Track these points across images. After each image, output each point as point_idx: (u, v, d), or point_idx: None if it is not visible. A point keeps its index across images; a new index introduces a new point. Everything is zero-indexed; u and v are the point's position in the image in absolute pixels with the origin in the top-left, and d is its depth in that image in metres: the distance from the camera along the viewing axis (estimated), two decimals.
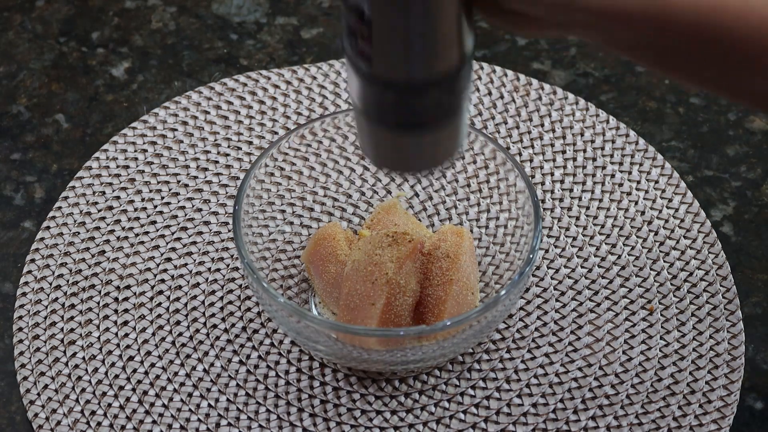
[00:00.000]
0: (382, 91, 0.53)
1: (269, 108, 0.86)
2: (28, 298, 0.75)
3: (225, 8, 0.95)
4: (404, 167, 0.60)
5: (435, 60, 0.52)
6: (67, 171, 0.83)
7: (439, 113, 0.55)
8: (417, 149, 0.57)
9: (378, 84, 0.53)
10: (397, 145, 0.57)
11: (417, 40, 0.51)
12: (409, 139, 0.56)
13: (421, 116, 0.55)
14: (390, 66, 0.52)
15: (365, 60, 0.52)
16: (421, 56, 0.52)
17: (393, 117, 0.55)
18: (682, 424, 0.69)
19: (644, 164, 0.82)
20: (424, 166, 0.60)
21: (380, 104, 0.54)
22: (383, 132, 0.56)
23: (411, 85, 0.52)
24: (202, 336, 0.73)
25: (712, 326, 0.73)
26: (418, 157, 0.58)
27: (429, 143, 0.57)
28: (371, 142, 0.58)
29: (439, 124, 0.55)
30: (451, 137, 0.57)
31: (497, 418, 0.70)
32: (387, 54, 0.52)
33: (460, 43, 0.53)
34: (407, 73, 0.52)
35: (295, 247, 0.76)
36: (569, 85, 0.89)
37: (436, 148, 0.58)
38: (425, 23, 0.50)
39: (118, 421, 0.69)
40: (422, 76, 0.52)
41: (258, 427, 0.69)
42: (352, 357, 0.68)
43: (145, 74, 0.90)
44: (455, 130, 0.57)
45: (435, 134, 0.56)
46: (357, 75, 0.54)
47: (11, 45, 0.92)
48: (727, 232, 0.80)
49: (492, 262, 0.75)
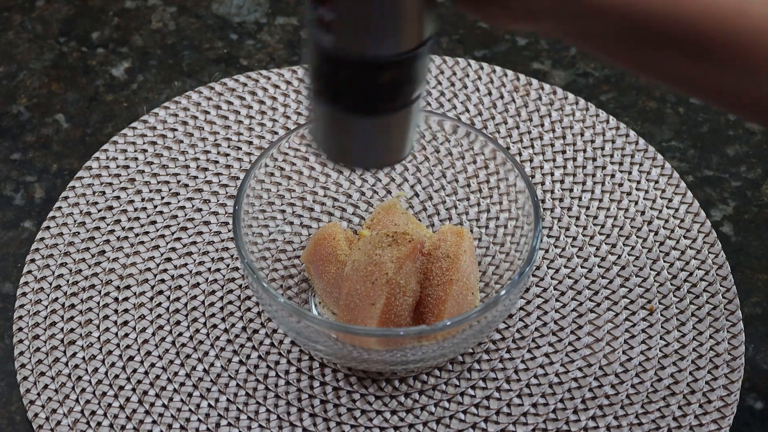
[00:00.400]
0: (338, 67, 0.52)
1: (269, 108, 0.86)
2: (28, 298, 0.75)
3: (225, 8, 0.95)
4: (352, 160, 0.59)
5: (393, 36, 0.51)
6: (67, 171, 0.83)
7: (393, 99, 0.54)
8: (365, 141, 0.56)
9: (335, 59, 0.52)
10: (347, 134, 0.56)
11: (380, 13, 0.50)
12: (359, 126, 0.55)
13: (374, 99, 0.53)
14: (349, 39, 0.51)
15: (325, 31, 0.51)
16: (380, 29, 0.51)
17: (346, 98, 0.54)
18: (682, 424, 0.69)
19: (644, 164, 0.82)
20: (373, 163, 0.59)
21: (334, 82, 0.53)
22: (335, 116, 0.55)
23: (365, 61, 0.52)
24: (202, 336, 0.73)
25: (712, 326, 0.73)
26: (368, 151, 0.57)
27: (379, 136, 0.56)
28: (323, 130, 0.56)
29: (391, 111, 0.54)
30: (402, 132, 0.56)
31: (497, 418, 0.70)
32: (347, 25, 0.51)
33: (420, 23, 0.52)
34: (364, 47, 0.51)
35: (295, 247, 0.76)
36: (569, 85, 0.89)
37: (386, 144, 0.57)
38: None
39: (118, 421, 0.69)
40: (380, 52, 0.51)
41: (258, 427, 0.69)
42: (352, 357, 0.68)
43: (145, 74, 0.90)
44: (406, 124, 0.56)
45: (384, 125, 0.55)
46: (315, 49, 0.53)
47: (11, 45, 0.92)
48: (727, 232, 0.80)
49: (492, 262, 0.75)
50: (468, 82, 0.87)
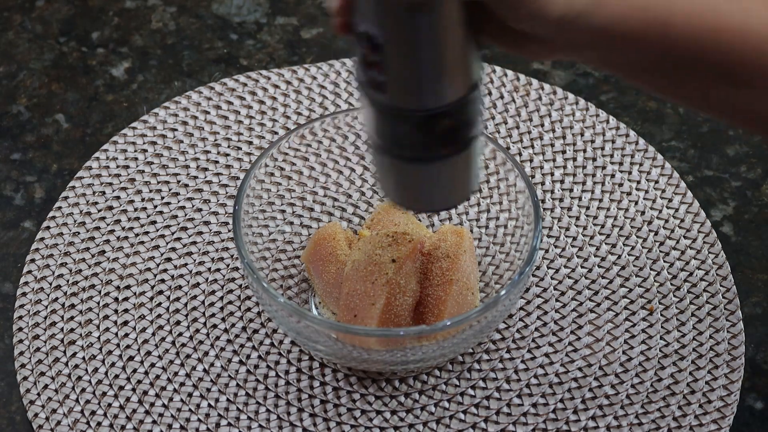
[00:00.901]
0: (396, 123, 0.54)
1: (269, 108, 0.86)
2: (28, 298, 0.75)
3: (225, 8, 0.95)
4: (424, 205, 0.61)
5: (444, 86, 0.52)
6: (67, 171, 0.83)
7: (452, 143, 0.55)
8: (434, 185, 0.57)
9: (391, 113, 0.53)
10: (416, 182, 0.57)
11: (426, 66, 0.51)
12: (425, 173, 0.56)
13: (433, 148, 0.55)
14: (400, 93, 0.52)
15: (379, 90, 0.52)
16: (431, 84, 0.52)
17: (408, 150, 0.55)
18: (682, 424, 0.69)
19: (644, 164, 0.82)
20: (444, 204, 0.60)
21: (395, 137, 0.55)
22: (400, 167, 0.56)
23: (424, 114, 0.53)
24: (202, 336, 0.73)
25: (712, 326, 0.73)
26: (437, 194, 0.58)
27: (446, 178, 0.57)
28: (390, 180, 0.58)
29: (452, 155, 0.56)
30: (466, 171, 0.57)
31: (497, 418, 0.70)
32: (397, 81, 0.52)
33: (468, 70, 0.53)
34: (417, 103, 0.52)
35: (295, 247, 0.76)
36: (569, 85, 0.89)
37: (453, 184, 0.58)
38: (433, 48, 0.50)
39: (118, 421, 0.69)
40: (433, 104, 0.52)
41: (258, 427, 0.69)
42: (352, 357, 0.68)
43: (145, 74, 0.90)
44: (469, 162, 0.57)
45: (450, 167, 0.56)
46: (371, 107, 0.54)
47: (11, 45, 0.92)
48: (727, 232, 0.80)
49: (492, 262, 0.75)
50: None
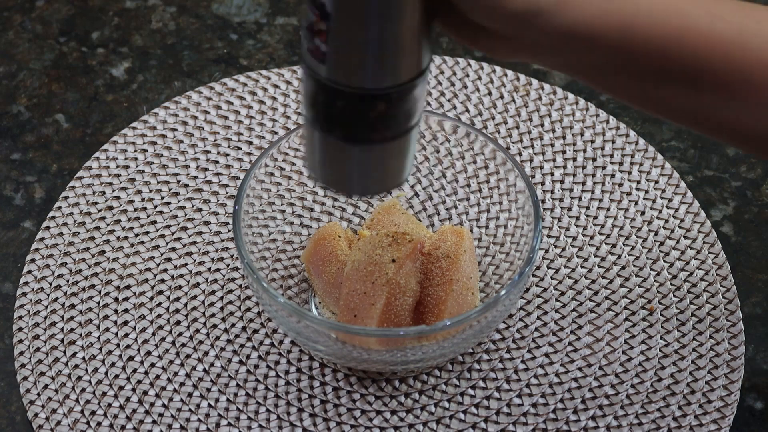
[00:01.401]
0: (333, 98, 0.52)
1: (269, 108, 0.86)
2: (28, 298, 0.75)
3: (225, 8, 0.95)
4: (346, 188, 0.58)
5: (389, 69, 0.51)
6: (67, 171, 0.83)
7: (387, 130, 0.54)
8: (361, 169, 0.56)
9: (329, 88, 0.52)
10: (342, 163, 0.56)
11: (374, 45, 0.50)
12: (354, 155, 0.55)
13: (368, 130, 0.53)
14: (343, 70, 0.51)
15: (319, 61, 0.51)
16: (376, 63, 0.50)
17: (340, 128, 0.53)
18: (682, 424, 0.69)
19: (644, 164, 0.82)
20: (367, 190, 0.58)
21: (329, 112, 0.53)
22: (329, 145, 0.55)
23: (362, 93, 0.51)
24: (202, 336, 0.73)
25: (712, 326, 0.73)
26: (362, 179, 0.57)
27: (374, 164, 0.55)
28: (318, 157, 0.56)
29: (385, 141, 0.54)
30: (398, 161, 0.56)
31: (497, 418, 0.70)
32: (342, 57, 0.50)
33: (418, 55, 0.51)
34: (359, 80, 0.51)
35: (295, 247, 0.76)
36: (569, 85, 0.89)
37: (381, 172, 0.56)
38: (385, 27, 0.49)
39: (118, 421, 0.69)
40: (373, 84, 0.51)
41: (258, 427, 0.69)
42: (352, 357, 0.68)
43: (145, 74, 0.90)
44: (402, 153, 0.55)
45: (380, 154, 0.55)
46: (310, 78, 0.52)
47: (11, 45, 0.92)
48: (727, 232, 0.80)
49: (492, 262, 0.75)
50: (468, 82, 0.87)
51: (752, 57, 0.53)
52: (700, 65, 0.53)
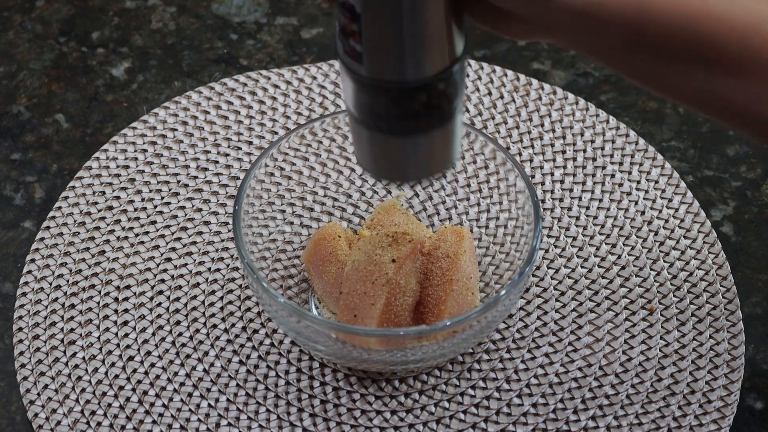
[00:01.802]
0: (375, 95, 0.53)
1: (269, 108, 0.86)
2: (28, 298, 0.75)
3: (225, 8, 0.95)
4: (400, 176, 0.60)
5: (425, 60, 0.52)
6: (67, 171, 0.83)
7: (432, 118, 0.54)
8: (411, 157, 0.57)
9: (370, 87, 0.53)
10: (392, 154, 0.57)
11: (407, 39, 0.50)
12: (403, 146, 0.56)
13: (412, 121, 0.54)
14: (380, 66, 0.52)
15: (357, 61, 0.52)
16: (411, 56, 0.51)
17: (386, 122, 0.54)
18: (682, 424, 0.69)
19: (644, 164, 0.82)
20: (420, 175, 0.59)
21: (373, 109, 0.54)
22: (378, 139, 0.56)
23: (402, 86, 0.52)
24: (202, 336, 0.73)
25: (712, 326, 0.73)
26: (414, 166, 0.57)
27: (423, 151, 0.56)
28: (368, 152, 0.57)
29: (431, 129, 0.55)
30: (446, 145, 0.57)
31: (497, 418, 0.70)
32: (377, 54, 0.51)
33: (451, 44, 0.52)
34: (397, 74, 0.52)
35: (295, 247, 0.76)
36: (569, 85, 0.89)
37: (431, 156, 0.57)
38: (414, 21, 0.50)
39: (118, 421, 0.69)
40: (412, 77, 0.52)
41: (258, 427, 0.69)
42: (352, 357, 0.68)
43: (145, 74, 0.90)
44: (449, 137, 0.56)
45: (428, 141, 0.56)
46: (350, 78, 0.53)
47: (11, 45, 0.92)
48: (727, 232, 0.80)
49: (492, 262, 0.75)
50: (468, 82, 0.87)
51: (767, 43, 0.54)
52: (716, 48, 0.54)
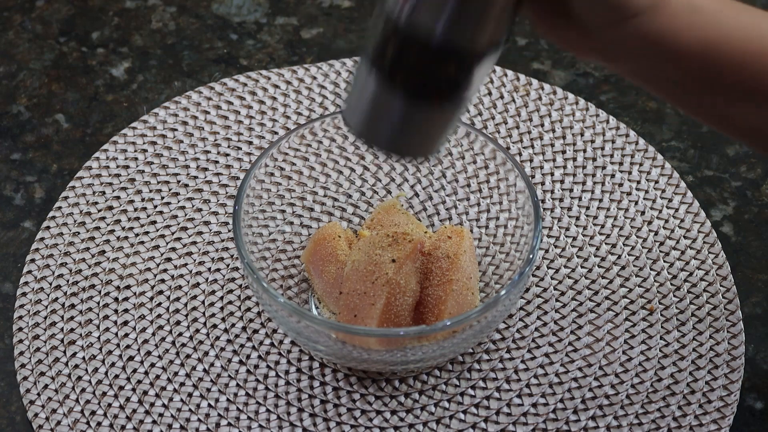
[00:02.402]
0: (404, 43, 0.52)
1: (269, 108, 0.86)
2: (28, 298, 0.75)
3: (225, 8, 0.95)
4: (382, 143, 0.57)
5: (472, 27, 0.51)
6: (67, 171, 0.83)
7: (446, 92, 0.53)
8: (403, 126, 0.55)
9: (404, 34, 0.51)
10: (386, 114, 0.55)
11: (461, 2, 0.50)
12: (404, 109, 0.54)
13: (428, 86, 0.53)
14: (426, 13, 0.51)
15: (401, 6, 0.51)
16: (462, 15, 0.50)
17: (400, 76, 0.53)
18: (682, 424, 0.69)
19: (644, 164, 0.82)
20: (398, 150, 0.57)
21: (394, 58, 0.52)
22: (382, 93, 0.54)
23: (437, 46, 0.51)
24: (202, 336, 0.73)
25: (712, 326, 0.73)
26: (400, 136, 0.56)
27: (417, 124, 0.55)
28: (362, 107, 0.55)
29: (441, 102, 0.54)
30: (438, 130, 0.56)
31: (497, 418, 0.70)
32: (427, 2, 0.50)
33: (501, 23, 0.51)
34: (441, 31, 0.51)
35: (295, 247, 0.76)
36: (569, 85, 0.89)
37: (421, 134, 0.56)
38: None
39: (118, 421, 0.69)
40: (452, 38, 0.51)
41: (258, 427, 0.69)
42: (352, 357, 0.68)
43: (145, 74, 0.90)
44: (445, 123, 0.56)
45: (428, 116, 0.55)
46: (385, 22, 0.52)
47: (11, 45, 0.92)
48: (727, 232, 0.80)
49: (492, 262, 0.75)
50: None
51: None
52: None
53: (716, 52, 0.54)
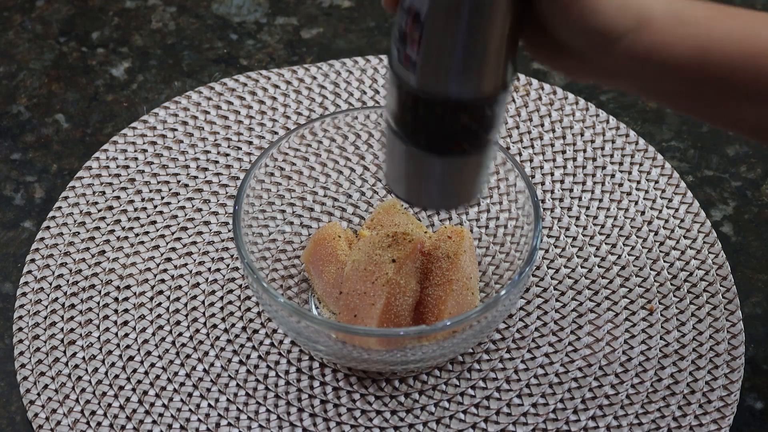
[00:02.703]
0: (418, 107, 0.53)
1: (269, 108, 0.86)
2: (28, 298, 0.75)
3: (225, 8, 0.95)
4: (425, 200, 0.60)
5: (476, 79, 0.52)
6: (67, 171, 0.83)
7: (469, 141, 0.55)
8: (438, 181, 0.57)
9: (416, 97, 0.53)
10: (422, 174, 0.57)
11: (462, 51, 0.51)
12: (436, 166, 0.56)
13: (452, 140, 0.55)
14: (433, 78, 0.52)
15: (410, 70, 0.52)
16: (465, 72, 0.52)
17: (425, 137, 0.55)
18: (682, 424, 0.69)
19: (644, 164, 0.82)
20: (442, 204, 0.60)
21: (414, 121, 0.54)
22: (410, 155, 0.56)
23: (448, 101, 0.53)
24: (202, 336, 0.73)
25: (712, 326, 0.73)
26: (438, 191, 0.58)
27: (452, 176, 0.57)
28: (397, 168, 0.58)
29: (466, 153, 0.55)
30: (475, 176, 0.57)
31: (497, 418, 0.70)
32: (432, 65, 0.52)
33: (504, 67, 0.53)
34: (448, 89, 0.52)
35: (295, 247, 0.76)
36: (569, 85, 0.89)
37: (458, 185, 0.58)
38: (474, 34, 0.50)
39: (118, 421, 0.69)
40: (461, 94, 0.52)
41: (258, 427, 0.69)
42: (352, 357, 0.68)
43: (145, 74, 0.90)
44: (479, 166, 0.57)
45: (458, 166, 0.56)
46: (397, 88, 0.54)
47: (11, 45, 0.92)
48: (727, 232, 0.80)
49: (492, 262, 0.75)
50: None
51: None
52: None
53: (710, 60, 0.54)
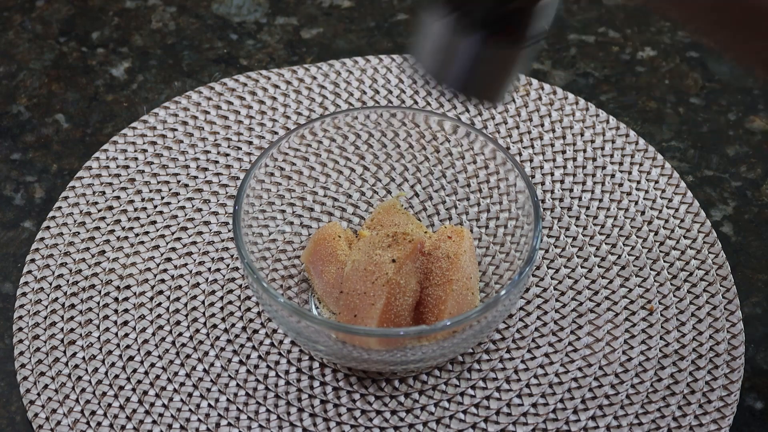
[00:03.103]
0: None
1: (269, 108, 0.86)
2: (28, 298, 0.75)
3: (225, 8, 0.95)
4: (453, 82, 0.59)
5: None
6: (67, 171, 0.83)
7: (514, 31, 0.55)
8: (471, 67, 0.57)
9: None
10: (455, 54, 0.57)
11: None
12: (471, 48, 0.56)
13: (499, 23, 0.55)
14: None
15: None
16: None
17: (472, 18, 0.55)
18: (682, 424, 0.69)
19: (644, 164, 0.82)
20: (467, 90, 0.59)
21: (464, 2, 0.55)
22: (453, 34, 0.56)
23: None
24: (202, 336, 0.73)
25: (712, 326, 0.73)
26: (470, 78, 0.58)
27: (485, 64, 0.57)
28: (432, 47, 0.57)
29: (509, 42, 0.56)
30: (504, 74, 0.58)
31: (497, 418, 0.70)
32: None
33: None
34: None
35: (295, 247, 0.76)
36: (569, 85, 0.89)
37: (488, 76, 0.58)
38: None
39: (118, 421, 0.69)
40: None
41: (258, 427, 0.69)
42: (352, 357, 0.68)
43: (145, 74, 0.90)
44: (511, 67, 0.57)
45: (493, 56, 0.56)
46: None
47: (11, 45, 0.92)
48: (727, 232, 0.80)
49: (492, 262, 0.75)
50: None
51: None
52: None
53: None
